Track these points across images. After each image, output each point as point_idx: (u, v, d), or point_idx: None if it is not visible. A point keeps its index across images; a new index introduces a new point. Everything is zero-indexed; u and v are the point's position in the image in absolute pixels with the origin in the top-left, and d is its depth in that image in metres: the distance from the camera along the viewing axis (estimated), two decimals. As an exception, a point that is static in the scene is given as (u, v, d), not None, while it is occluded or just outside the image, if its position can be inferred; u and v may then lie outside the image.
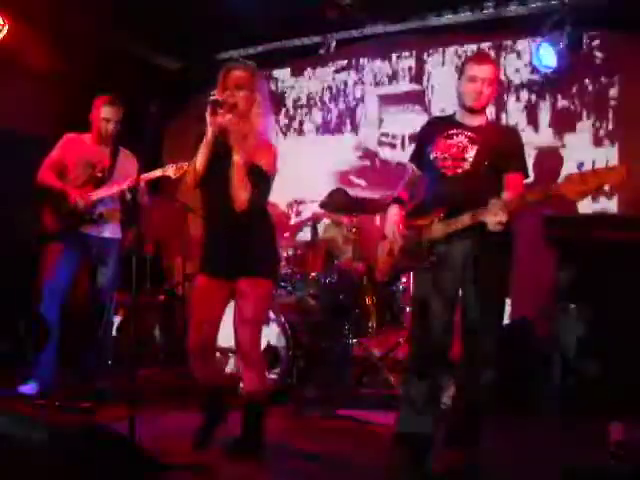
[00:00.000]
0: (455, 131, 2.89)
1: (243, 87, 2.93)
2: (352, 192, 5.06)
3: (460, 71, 2.93)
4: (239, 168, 2.87)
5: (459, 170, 2.82)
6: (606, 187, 2.45)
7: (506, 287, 2.91)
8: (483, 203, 2.65)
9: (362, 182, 5.47)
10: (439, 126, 2.98)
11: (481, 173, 2.79)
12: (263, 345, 3.98)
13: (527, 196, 2.55)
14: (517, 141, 2.92)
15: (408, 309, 4.32)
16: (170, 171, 3.78)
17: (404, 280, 4.48)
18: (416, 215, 2.94)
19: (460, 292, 2.89)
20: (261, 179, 2.94)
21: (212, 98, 2.87)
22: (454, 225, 2.72)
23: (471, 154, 2.81)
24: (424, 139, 3.02)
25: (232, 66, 2.99)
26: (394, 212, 3.00)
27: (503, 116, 4.97)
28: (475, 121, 2.91)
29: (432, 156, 2.90)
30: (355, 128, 5.62)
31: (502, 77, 4.92)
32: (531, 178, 4.11)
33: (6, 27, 4.36)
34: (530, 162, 4.78)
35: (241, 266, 2.98)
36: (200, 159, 2.96)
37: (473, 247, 2.76)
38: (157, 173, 3.80)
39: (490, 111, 4.80)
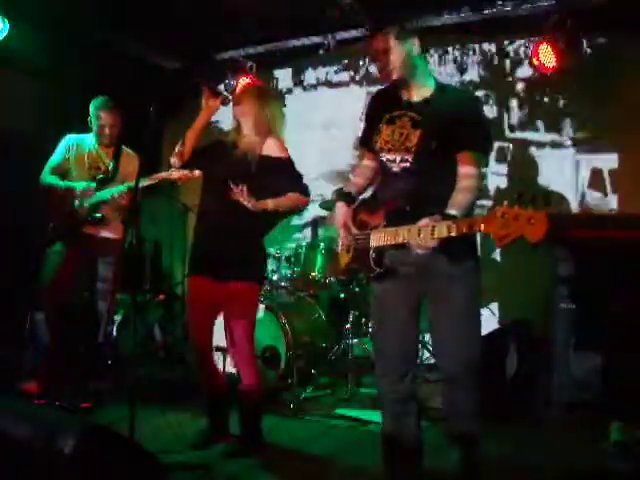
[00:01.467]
0: (398, 112, 2.53)
1: (247, 115, 3.11)
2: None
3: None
4: (278, 206, 3.03)
5: (406, 164, 2.47)
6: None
7: (469, 295, 2.48)
8: (433, 200, 2.35)
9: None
10: (384, 105, 2.61)
11: (428, 162, 2.43)
12: (263, 345, 4.00)
13: (452, 228, 2.15)
14: (470, 109, 2.51)
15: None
16: (175, 175, 3.77)
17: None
18: (369, 208, 2.62)
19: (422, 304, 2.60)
20: (286, 167, 3.09)
21: (214, 87, 3.04)
22: (392, 238, 2.38)
23: (414, 141, 2.45)
24: (370, 121, 2.66)
25: (238, 95, 3.20)
26: (341, 211, 2.66)
27: (504, 116, 4.98)
28: (417, 94, 2.52)
29: (377, 146, 2.56)
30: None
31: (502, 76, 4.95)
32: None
33: (6, 27, 4.35)
34: (531, 162, 4.85)
35: (231, 269, 3.00)
36: (188, 140, 3.09)
37: (429, 257, 2.33)
38: (162, 175, 3.80)
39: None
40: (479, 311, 2.60)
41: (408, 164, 2.46)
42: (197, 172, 3.30)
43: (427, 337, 4.48)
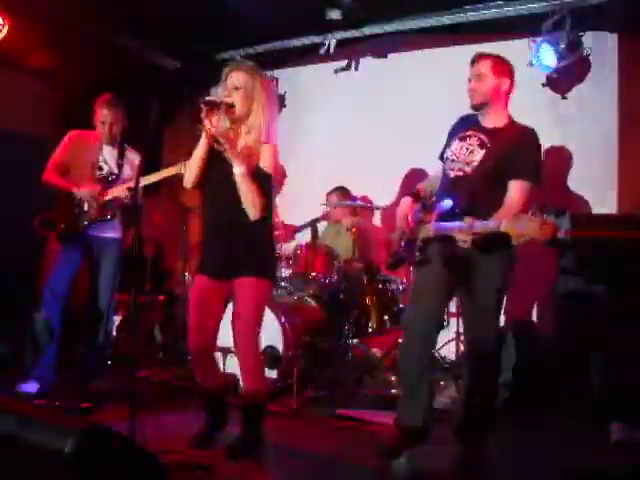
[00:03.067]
0: (470, 133, 2.94)
1: (240, 87, 2.96)
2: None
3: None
4: (244, 178, 2.89)
5: (460, 173, 2.87)
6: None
7: (503, 288, 2.92)
8: (482, 209, 2.69)
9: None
10: (461, 126, 3.04)
11: (482, 178, 2.80)
12: (263, 345, 3.99)
13: (474, 227, 2.55)
14: (528, 146, 2.87)
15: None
16: (184, 169, 3.77)
17: (404, 279, 4.49)
18: (425, 210, 3.01)
19: (457, 292, 2.98)
20: (264, 181, 2.96)
21: (206, 99, 2.89)
22: (438, 232, 2.78)
23: (477, 158, 2.85)
24: (448, 138, 3.09)
25: (232, 67, 3.01)
26: (405, 204, 3.05)
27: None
28: (491, 122, 2.94)
29: (445, 156, 3.01)
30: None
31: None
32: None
33: (6, 27, 4.35)
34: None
35: (239, 266, 2.98)
36: (194, 163, 3.00)
37: (466, 248, 2.69)
38: (172, 171, 3.79)
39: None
40: (503, 298, 2.97)
41: (462, 173, 2.87)
42: None
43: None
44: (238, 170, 2.88)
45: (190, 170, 3.03)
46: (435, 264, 2.85)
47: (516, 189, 2.80)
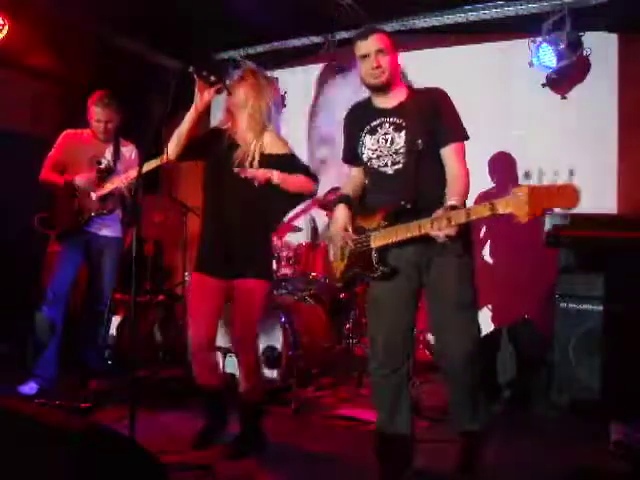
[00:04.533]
0: (377, 122, 2.65)
1: (245, 79, 3.02)
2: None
3: (356, 55, 2.66)
4: (283, 180, 2.95)
5: (399, 165, 2.59)
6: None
7: (470, 284, 2.61)
8: (428, 196, 2.49)
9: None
10: (361, 119, 2.73)
11: (418, 160, 2.54)
12: (263, 345, 3.99)
13: (472, 213, 2.25)
14: (443, 105, 2.61)
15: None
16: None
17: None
18: (362, 213, 2.71)
19: (421, 293, 2.70)
20: (291, 163, 3.03)
21: (203, 72, 2.93)
22: (400, 234, 2.46)
23: (401, 143, 2.58)
24: (351, 137, 2.79)
25: (244, 68, 3.11)
26: (342, 214, 2.72)
27: (504, 115, 4.98)
28: (394, 100, 2.64)
29: (365, 156, 2.70)
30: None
31: (501, 76, 4.95)
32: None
33: (6, 27, 4.36)
34: (533, 163, 4.84)
35: (238, 267, 2.99)
36: (180, 134, 3.03)
37: (426, 248, 2.52)
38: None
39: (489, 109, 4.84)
40: (476, 302, 2.66)
41: (400, 165, 2.58)
42: None
43: (428, 336, 4.48)
44: (276, 179, 2.94)
45: (176, 140, 3.05)
46: (401, 274, 2.57)
47: (454, 154, 2.56)
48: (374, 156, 2.66)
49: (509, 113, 4.96)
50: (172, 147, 3.06)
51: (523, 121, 4.89)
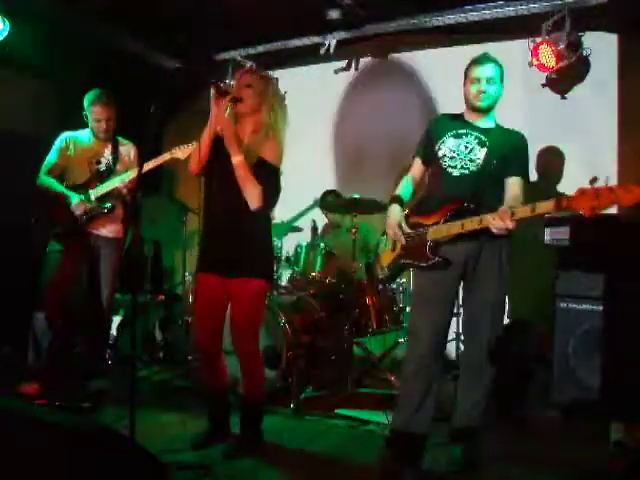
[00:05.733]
0: (464, 131, 2.92)
1: (250, 86, 3.01)
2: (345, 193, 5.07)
3: (465, 74, 2.97)
4: (241, 166, 2.89)
5: (466, 171, 2.85)
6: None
7: (506, 291, 2.93)
8: (487, 205, 2.69)
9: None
10: (448, 123, 3.00)
11: (488, 175, 2.82)
12: (263, 345, 3.99)
13: (537, 208, 2.48)
14: (522, 146, 2.94)
15: (408, 309, 4.32)
16: (178, 153, 3.80)
17: (404, 280, 4.49)
18: (420, 212, 2.95)
19: (461, 293, 2.96)
20: (269, 172, 2.97)
21: (217, 84, 2.96)
22: (460, 228, 2.71)
23: (479, 155, 2.85)
24: (432, 134, 3.02)
25: (245, 70, 3.05)
26: (395, 211, 2.99)
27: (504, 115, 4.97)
28: (483, 123, 2.94)
29: (440, 153, 2.93)
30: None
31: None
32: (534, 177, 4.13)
33: (6, 27, 4.36)
34: (532, 161, 4.83)
35: (235, 266, 2.99)
36: (203, 145, 3.00)
37: (475, 249, 2.81)
38: (166, 157, 3.82)
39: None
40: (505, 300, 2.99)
41: (467, 171, 2.85)
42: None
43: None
44: (235, 159, 2.90)
45: (195, 156, 3.05)
46: (449, 270, 2.81)
47: (517, 185, 2.85)
48: (449, 155, 2.90)
49: (509, 113, 4.95)
50: (194, 163, 3.05)
51: (523, 121, 4.88)
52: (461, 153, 2.88)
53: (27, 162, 4.03)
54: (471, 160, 2.85)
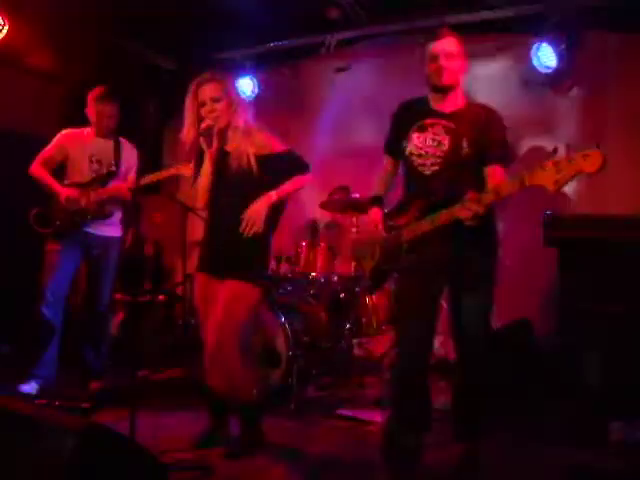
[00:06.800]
0: (430, 121, 2.71)
1: (220, 99, 2.98)
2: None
3: (424, 53, 2.73)
4: (279, 194, 2.99)
5: (436, 167, 2.66)
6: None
7: (492, 286, 2.74)
8: (463, 196, 2.50)
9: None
10: (412, 114, 2.78)
11: (461, 164, 2.63)
12: (263, 345, 3.99)
13: (502, 190, 2.36)
14: (496, 125, 2.68)
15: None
16: (184, 170, 3.79)
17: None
18: (396, 214, 2.81)
19: (446, 293, 2.79)
20: (287, 158, 3.03)
21: (201, 130, 2.95)
22: (430, 224, 2.57)
23: (447, 147, 2.64)
24: (398, 129, 2.83)
25: (202, 80, 3.01)
26: (375, 214, 2.88)
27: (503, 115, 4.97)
28: (450, 105, 2.70)
29: (407, 152, 2.74)
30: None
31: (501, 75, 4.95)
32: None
33: (6, 27, 4.36)
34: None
35: (228, 267, 2.99)
36: (203, 188, 3.04)
37: (456, 247, 2.62)
38: (171, 171, 3.81)
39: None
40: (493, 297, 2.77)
41: (437, 167, 2.65)
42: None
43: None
44: (273, 199, 2.98)
45: (200, 195, 3.08)
46: (428, 272, 2.66)
47: (496, 174, 2.62)
48: (416, 153, 2.71)
49: (509, 113, 4.95)
50: (200, 203, 3.09)
51: (523, 121, 4.88)
52: (428, 148, 2.68)
53: (27, 162, 4.04)
54: (440, 155, 2.65)
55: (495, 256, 2.74)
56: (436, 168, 2.66)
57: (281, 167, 3.01)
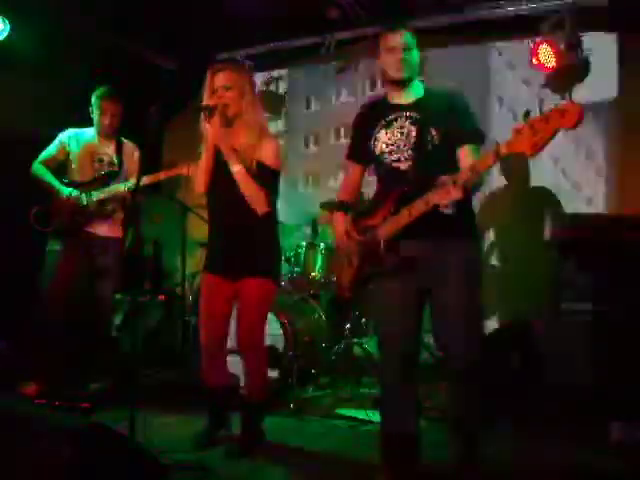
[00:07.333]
0: (393, 116, 2.63)
1: (231, 87, 2.96)
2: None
3: (378, 45, 2.71)
4: (242, 176, 2.90)
5: (410, 161, 2.55)
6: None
7: (478, 285, 2.59)
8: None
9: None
10: (374, 113, 2.70)
11: (432, 152, 2.52)
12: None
13: (477, 166, 2.23)
14: (461, 105, 2.59)
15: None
16: (183, 170, 3.80)
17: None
18: (370, 213, 2.66)
19: (430, 293, 2.62)
20: (268, 176, 2.97)
21: (203, 104, 2.92)
22: (408, 216, 2.42)
23: (415, 136, 2.55)
24: (361, 132, 2.75)
25: (218, 67, 3.01)
26: (340, 220, 2.74)
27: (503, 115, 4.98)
28: (410, 96, 2.63)
29: (377, 151, 2.65)
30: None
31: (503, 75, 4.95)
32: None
33: (6, 27, 4.36)
34: (532, 162, 4.84)
35: (243, 266, 2.99)
36: (204, 165, 3.01)
37: (436, 245, 2.49)
38: (172, 171, 3.81)
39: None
40: (479, 298, 2.61)
41: (412, 160, 2.55)
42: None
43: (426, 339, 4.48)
44: (234, 169, 2.91)
45: (199, 176, 3.06)
46: (408, 273, 2.51)
47: (469, 155, 2.50)
48: (387, 150, 2.61)
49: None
50: (200, 184, 3.06)
51: (522, 121, 4.88)
52: (398, 141, 2.58)
53: (27, 162, 4.04)
54: (411, 147, 2.55)
55: (477, 243, 2.66)
56: (410, 162, 2.55)
57: (262, 178, 2.95)
